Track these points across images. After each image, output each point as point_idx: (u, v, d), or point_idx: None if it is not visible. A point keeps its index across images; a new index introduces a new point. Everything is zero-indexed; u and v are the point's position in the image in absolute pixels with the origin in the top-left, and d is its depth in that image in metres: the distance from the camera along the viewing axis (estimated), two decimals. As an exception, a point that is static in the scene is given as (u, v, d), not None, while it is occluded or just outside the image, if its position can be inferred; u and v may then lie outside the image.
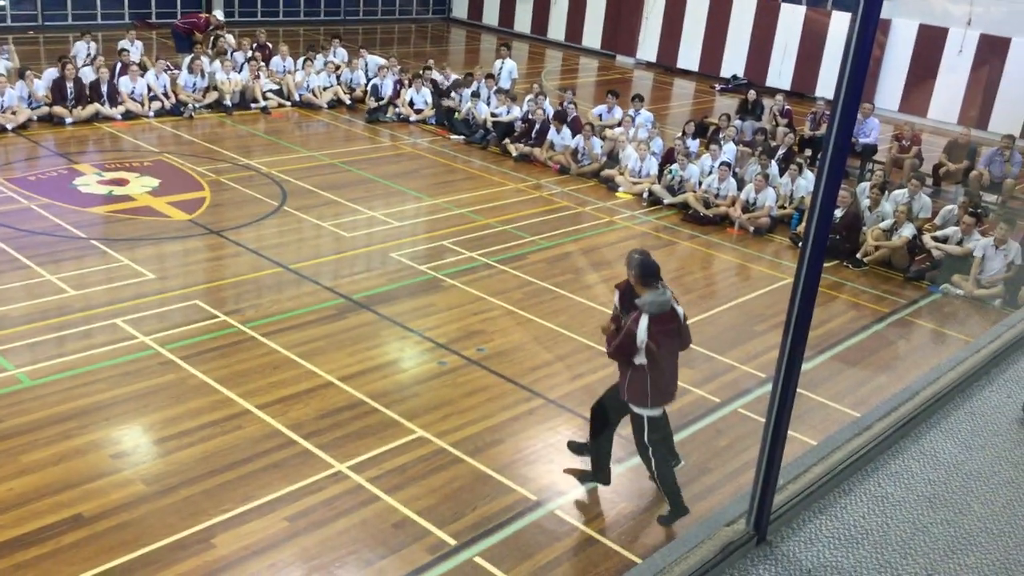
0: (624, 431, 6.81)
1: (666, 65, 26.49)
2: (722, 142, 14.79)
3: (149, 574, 5.65)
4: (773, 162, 14.37)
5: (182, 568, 5.73)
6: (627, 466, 7.26)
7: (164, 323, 8.87)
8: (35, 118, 14.86)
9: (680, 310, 6.36)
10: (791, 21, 23.99)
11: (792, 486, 3.06)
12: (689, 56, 26.07)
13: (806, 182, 13.75)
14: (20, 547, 5.77)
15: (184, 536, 6.01)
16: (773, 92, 20.13)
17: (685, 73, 26.04)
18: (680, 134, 15.21)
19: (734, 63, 25.17)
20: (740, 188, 13.66)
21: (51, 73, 15.45)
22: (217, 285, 9.98)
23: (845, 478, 3.33)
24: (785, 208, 13.64)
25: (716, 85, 24.75)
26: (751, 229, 13.17)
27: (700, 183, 13.87)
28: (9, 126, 14.37)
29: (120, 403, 7.50)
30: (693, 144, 15.20)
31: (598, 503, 6.78)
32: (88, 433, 7.04)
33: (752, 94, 18.33)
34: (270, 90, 17.65)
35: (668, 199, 13.95)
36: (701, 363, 9.13)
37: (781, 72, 24.21)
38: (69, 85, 15.21)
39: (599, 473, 6.88)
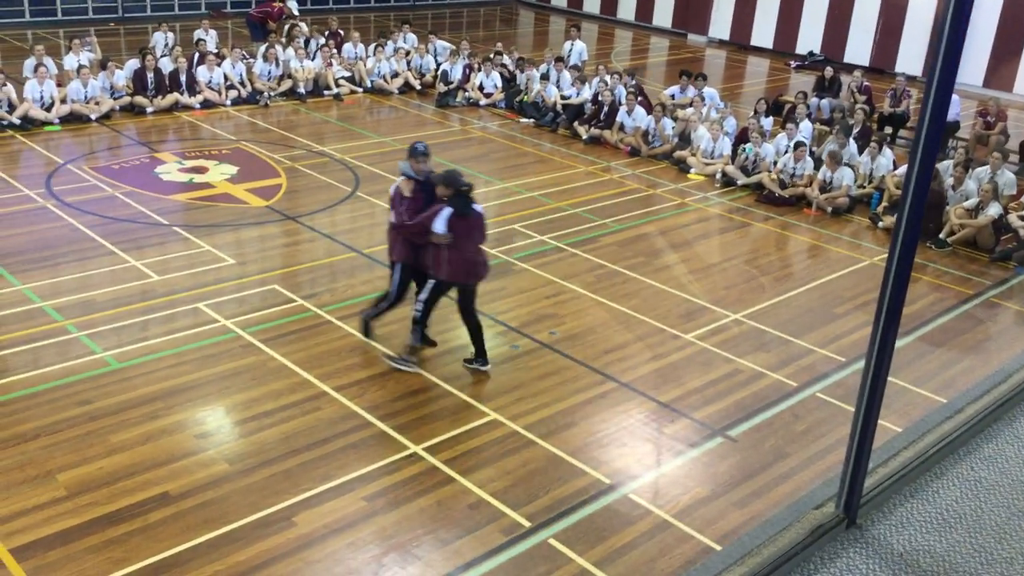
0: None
1: (739, 43, 26.00)
2: (798, 120, 14.47)
3: (234, 551, 5.82)
4: (851, 140, 14.01)
5: (265, 545, 5.88)
6: (702, 450, 7.21)
7: (244, 307, 9.08)
8: (117, 108, 15.30)
9: (480, 209, 7.85)
10: (870, -6, 23.29)
11: (882, 470, 3.00)
12: (763, 33, 25.52)
13: (886, 160, 13.38)
14: (110, 524, 6.00)
15: (266, 514, 6.16)
16: (851, 68, 19.58)
17: (759, 51, 25.52)
18: (753, 113, 14.92)
19: (810, 39, 24.56)
20: (817, 167, 13.35)
21: (132, 64, 15.88)
22: (294, 270, 10.17)
23: (936, 462, 3.25)
24: (864, 187, 13.30)
25: (791, 62, 24.20)
26: (829, 209, 12.88)
27: (775, 163, 13.60)
28: (93, 116, 14.83)
29: (203, 385, 7.72)
30: (767, 123, 14.90)
31: (673, 487, 6.75)
32: (174, 414, 7.27)
33: (829, 71, 17.87)
34: (342, 77, 17.87)
35: (742, 180, 13.72)
36: (777, 347, 8.99)
37: (859, 47, 23.54)
38: (149, 75, 15.62)
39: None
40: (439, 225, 7.57)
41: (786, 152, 13.63)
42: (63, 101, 14.68)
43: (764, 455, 7.19)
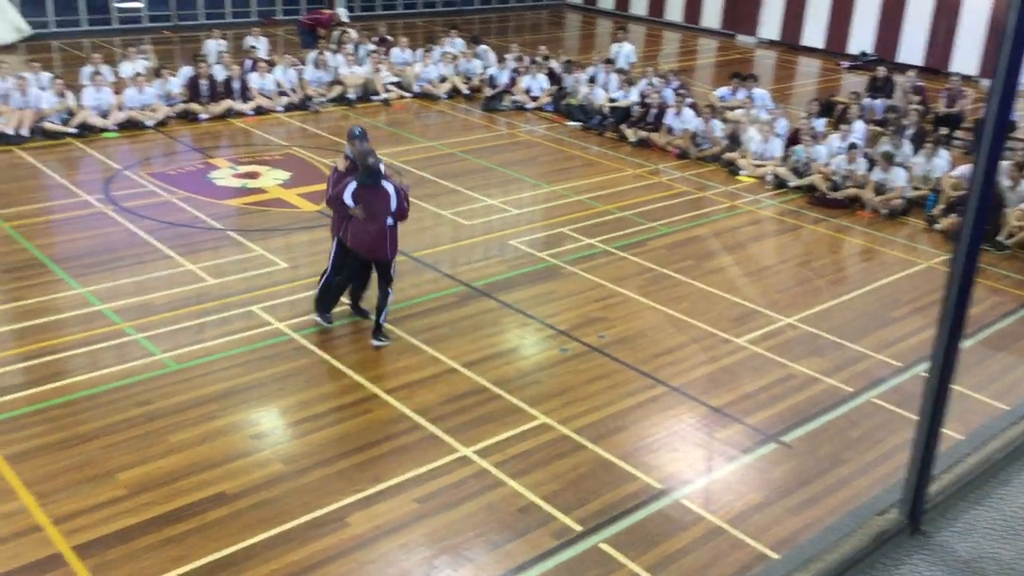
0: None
1: (790, 43, 25.71)
2: (851, 121, 14.26)
3: (288, 551, 5.90)
4: (905, 141, 13.77)
5: (319, 545, 5.95)
6: (756, 456, 7.14)
7: (296, 310, 9.20)
8: (172, 115, 15.61)
9: (390, 188, 8.33)
10: (923, -7, 22.88)
11: (946, 476, 2.94)
12: (814, 33, 25.21)
13: (943, 161, 13.13)
14: (169, 523, 6.11)
15: (320, 515, 6.24)
16: (904, 68, 19.25)
17: (810, 51, 25.20)
18: (805, 114, 14.74)
19: (862, 39, 24.20)
20: (871, 169, 13.15)
21: (186, 71, 16.18)
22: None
23: (1002, 468, 3.16)
24: (920, 189, 13.06)
25: (843, 62, 23.86)
26: (883, 211, 12.67)
27: (828, 164, 13.42)
28: (149, 123, 15.13)
29: (258, 386, 7.84)
30: (819, 124, 14.72)
31: (726, 493, 6.69)
32: (229, 415, 7.39)
33: (882, 71, 17.59)
34: (391, 82, 18.02)
35: (794, 181, 13.56)
36: (831, 351, 8.86)
37: (913, 47, 23.13)
38: (203, 82, 15.91)
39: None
40: (347, 197, 8.28)
41: (839, 153, 13.44)
42: (119, 108, 15.01)
43: (819, 461, 7.09)
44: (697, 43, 26.52)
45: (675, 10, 28.46)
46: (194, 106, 15.79)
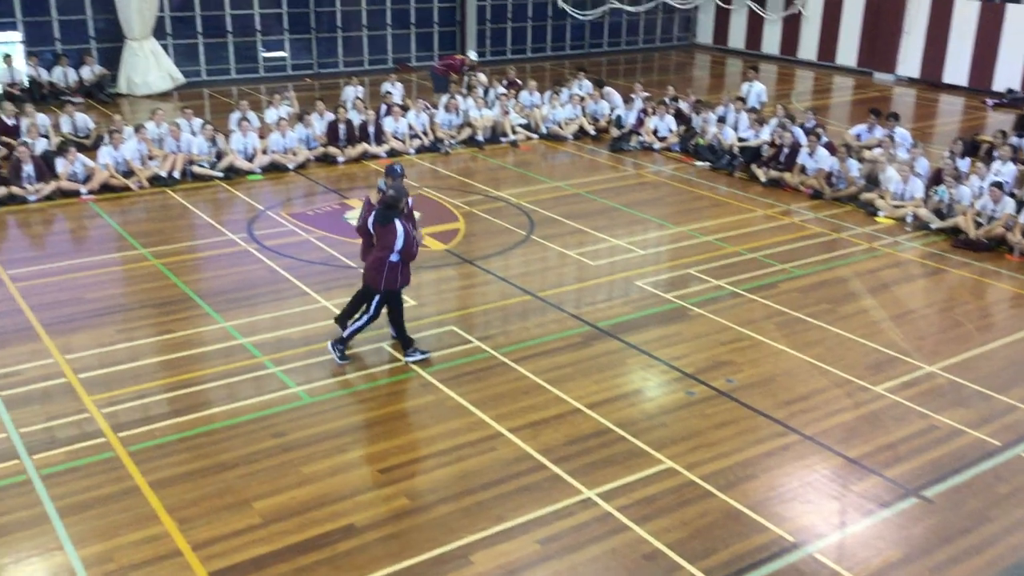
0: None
1: (930, 80, 24.78)
2: (1000, 161, 13.57)
3: (412, 586, 5.97)
4: (1059, 181, 13.00)
5: (442, 582, 6.00)
6: (895, 510, 6.80)
7: (423, 347, 9.36)
8: (312, 158, 16.31)
9: (400, 227, 8.63)
10: (1078, 25, 21.69)
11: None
12: (957, 70, 24.24)
13: (1101, 203, 12.31)
14: (301, 552, 6.29)
15: (445, 551, 6.29)
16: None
17: (952, 88, 24.23)
18: (948, 153, 14.13)
19: (1009, 75, 23.10)
20: (1020, 210, 12.45)
21: (327, 116, 16.91)
22: (470, 312, 10.43)
23: None
24: (1075, 232, 12.27)
25: (988, 100, 22.81)
26: (1033, 255, 11.98)
27: (972, 205, 12.79)
28: (290, 166, 15.86)
29: (386, 421, 8.02)
30: (963, 163, 14.07)
31: (862, 549, 6.38)
32: (359, 448, 7.58)
33: (1032, 107, 16.70)
34: (519, 124, 18.32)
35: (936, 223, 12.98)
36: (978, 402, 8.39)
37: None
38: (341, 127, 16.58)
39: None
40: (369, 224, 8.86)
41: (982, 194, 12.80)
42: (264, 152, 15.79)
43: (964, 518, 6.69)
44: (832, 81, 25.90)
45: (809, 48, 27.92)
46: (332, 149, 16.46)
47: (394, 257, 8.70)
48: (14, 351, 9.14)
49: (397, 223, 8.63)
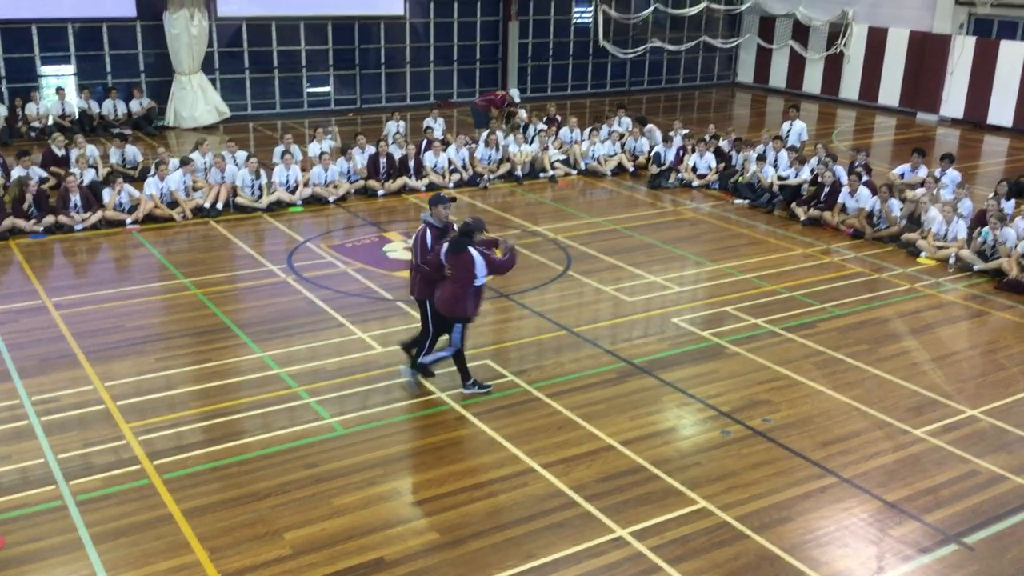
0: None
1: (975, 121, 24.52)
2: (1044, 202, 13.35)
3: (440, 621, 5.91)
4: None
5: (470, 619, 5.94)
6: (934, 556, 6.62)
7: (457, 380, 9.36)
8: (352, 191, 16.51)
9: (473, 253, 8.61)
10: None
11: None
12: (1002, 111, 23.96)
13: None
14: (329, 583, 6.28)
15: (473, 587, 6.24)
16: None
17: (996, 129, 23.94)
18: (992, 194, 13.93)
19: (1056, 115, 22.80)
20: (1067, 253, 12.21)
21: (368, 150, 17.13)
22: (505, 346, 10.42)
23: None
24: (1124, 275, 12.00)
25: (1034, 140, 22.51)
26: (1081, 299, 11.71)
27: (1016, 247, 12.57)
28: (331, 199, 16.06)
29: (419, 454, 8.01)
30: (1008, 205, 13.86)
31: (900, 595, 6.23)
32: (391, 480, 7.57)
33: (1080, 148, 16.43)
34: (558, 160, 18.41)
35: (979, 265, 12.77)
36: (1020, 448, 8.18)
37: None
38: (382, 161, 16.78)
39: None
40: (442, 257, 8.77)
41: (1029, 236, 12.59)
42: (306, 184, 16.02)
43: (1006, 566, 6.51)
44: (874, 121, 25.73)
45: (851, 87, 27.79)
46: (372, 183, 16.65)
47: (479, 282, 8.73)
48: (55, 377, 9.30)
49: (471, 251, 8.61)
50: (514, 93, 22.49)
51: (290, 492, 7.36)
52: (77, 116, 21.20)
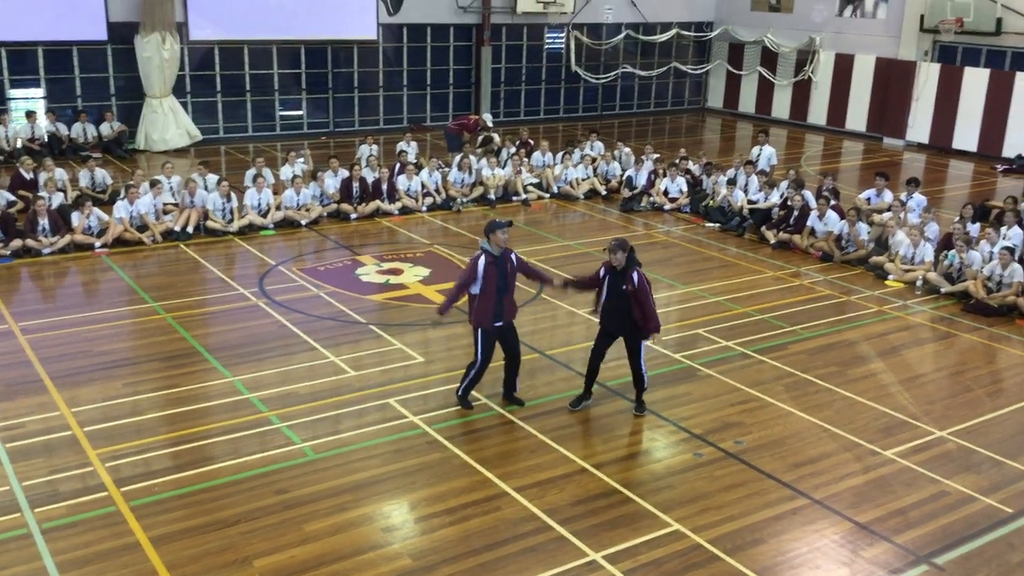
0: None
1: (940, 146, 24.95)
2: (1007, 225, 13.58)
3: (412, 648, 5.85)
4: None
5: (442, 645, 5.88)
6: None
7: (430, 404, 9.36)
8: (325, 214, 16.46)
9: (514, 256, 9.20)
10: (1087, 93, 21.86)
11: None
12: (966, 136, 24.40)
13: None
14: (300, 610, 6.20)
15: (445, 613, 6.19)
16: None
17: (961, 154, 24.37)
18: (958, 218, 14.16)
19: (1018, 142, 23.24)
20: (1030, 275, 12.42)
21: (341, 173, 17.11)
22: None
23: None
24: (1087, 297, 12.22)
25: (998, 166, 22.93)
26: (1045, 321, 11.91)
27: (982, 270, 12.77)
28: (303, 222, 16.01)
29: (390, 479, 7.95)
30: (974, 228, 14.09)
31: (871, 617, 6.25)
32: (362, 506, 7.51)
33: (1042, 173, 16.76)
34: (531, 183, 18.50)
35: (946, 287, 12.95)
36: (989, 468, 8.27)
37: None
38: (355, 184, 16.76)
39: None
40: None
41: (992, 258, 12.79)
42: (278, 208, 15.95)
43: (977, 588, 6.55)
44: (842, 145, 26.10)
45: (819, 113, 28.19)
46: (345, 206, 16.61)
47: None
48: (21, 403, 9.15)
49: (512, 256, 9.16)
50: (487, 117, 22.58)
51: (260, 518, 7.28)
52: (46, 139, 21.01)
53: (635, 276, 8.82)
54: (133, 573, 6.56)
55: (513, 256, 9.20)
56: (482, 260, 8.99)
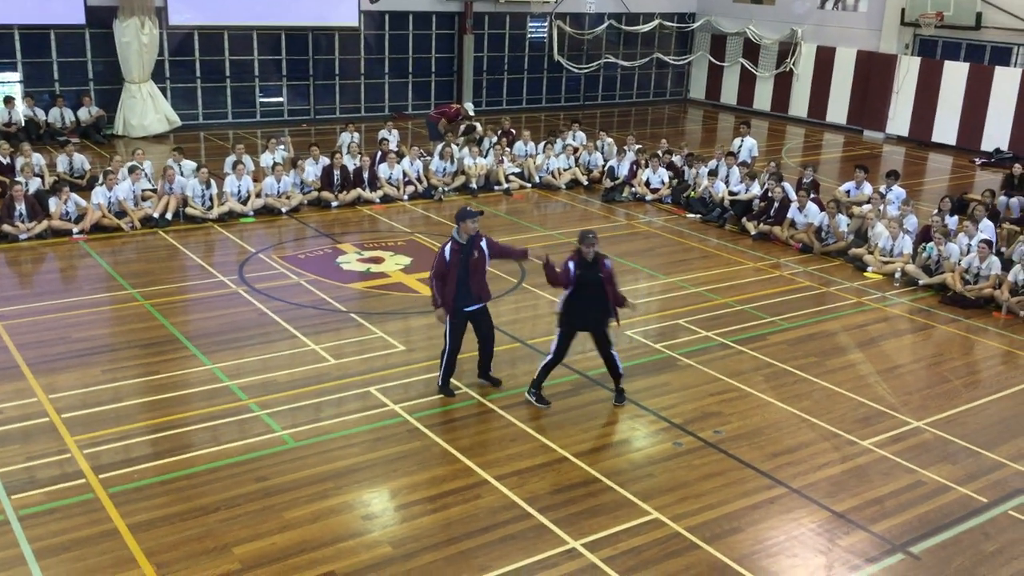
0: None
1: (919, 139, 25.13)
2: (978, 218, 13.67)
3: (392, 635, 5.86)
4: (1046, 240, 13.11)
5: (422, 632, 5.89)
6: (881, 566, 6.72)
7: (411, 392, 9.35)
8: (306, 202, 16.38)
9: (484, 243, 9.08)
10: (1064, 88, 22.06)
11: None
12: (946, 129, 24.59)
13: (1087, 262, 12.41)
14: (279, 598, 6.19)
15: (425, 601, 6.19)
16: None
17: (941, 147, 24.56)
18: (937, 211, 14.28)
19: (997, 136, 23.44)
20: (1008, 268, 12.55)
21: (322, 161, 17.02)
22: (459, 358, 10.36)
23: None
24: (1062, 290, 12.36)
25: (976, 159, 23.13)
26: (1021, 313, 12.03)
27: (959, 262, 12.89)
28: (284, 209, 15.92)
29: (371, 467, 7.94)
30: (952, 222, 14.21)
31: (847, 604, 6.32)
32: (342, 494, 7.50)
33: (1018, 168, 16.95)
34: (512, 173, 18.47)
35: (924, 279, 13.07)
36: (965, 458, 8.37)
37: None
38: (336, 172, 16.68)
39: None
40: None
41: (970, 251, 12.91)
42: (258, 195, 15.85)
43: (951, 576, 6.64)
44: (823, 138, 26.24)
45: (800, 105, 28.31)
46: (326, 194, 16.53)
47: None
48: (-2, 389, 9.07)
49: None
50: (468, 106, 22.51)
51: (240, 506, 7.25)
52: (23, 124, 20.75)
53: (607, 262, 8.97)
54: (111, 560, 6.53)
55: (483, 243, 9.13)
56: (448, 247, 8.98)
